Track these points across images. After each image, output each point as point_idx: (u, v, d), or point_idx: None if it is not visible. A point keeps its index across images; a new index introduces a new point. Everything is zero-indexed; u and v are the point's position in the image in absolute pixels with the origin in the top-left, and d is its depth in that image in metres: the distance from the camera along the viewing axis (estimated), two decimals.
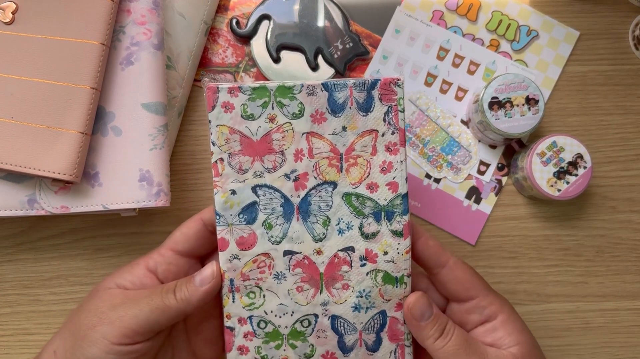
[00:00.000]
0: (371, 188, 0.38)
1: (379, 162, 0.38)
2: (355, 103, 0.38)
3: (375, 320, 0.39)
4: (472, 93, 0.52)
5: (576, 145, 0.48)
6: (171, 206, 0.50)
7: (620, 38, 0.54)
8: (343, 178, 0.38)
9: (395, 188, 0.38)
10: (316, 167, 0.38)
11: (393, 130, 0.38)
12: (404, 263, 0.38)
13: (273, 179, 0.38)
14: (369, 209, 0.38)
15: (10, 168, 0.42)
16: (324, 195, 0.38)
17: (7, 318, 0.50)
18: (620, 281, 0.51)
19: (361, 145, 0.38)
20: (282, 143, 0.38)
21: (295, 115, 0.37)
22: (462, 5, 0.53)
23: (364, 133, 0.38)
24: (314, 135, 0.38)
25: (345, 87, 0.37)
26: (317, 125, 0.38)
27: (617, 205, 0.52)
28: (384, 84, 0.37)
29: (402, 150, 0.38)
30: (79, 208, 0.44)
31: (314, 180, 0.38)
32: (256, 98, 0.37)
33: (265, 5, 0.52)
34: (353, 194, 0.38)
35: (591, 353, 0.51)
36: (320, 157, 0.38)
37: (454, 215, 0.51)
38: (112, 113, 0.44)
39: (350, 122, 0.38)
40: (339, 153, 0.38)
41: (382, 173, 0.38)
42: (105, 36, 0.43)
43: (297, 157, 0.38)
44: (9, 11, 0.44)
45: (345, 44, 0.52)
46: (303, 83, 0.37)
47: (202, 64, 0.52)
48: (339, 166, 0.38)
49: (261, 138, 0.37)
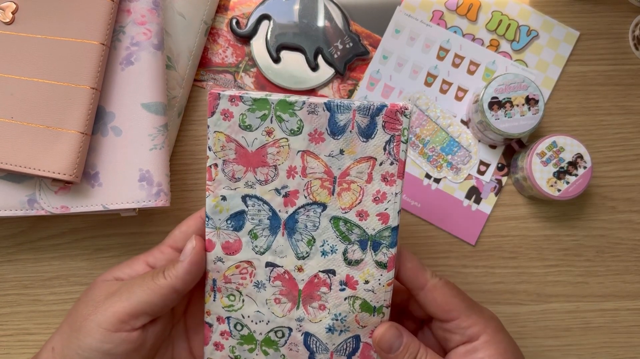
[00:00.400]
0: (361, 216, 0.37)
1: (373, 190, 0.37)
2: (357, 128, 0.36)
3: (348, 343, 0.38)
4: (472, 93, 0.52)
5: (576, 145, 0.48)
6: (171, 206, 0.50)
7: (620, 38, 0.54)
8: (334, 202, 0.37)
9: (386, 220, 0.37)
10: (308, 186, 0.37)
11: (392, 160, 0.36)
12: (384, 294, 0.37)
13: (264, 192, 0.37)
14: (356, 236, 0.37)
15: (10, 168, 0.42)
16: (312, 215, 0.38)
17: (7, 318, 0.50)
18: (620, 281, 0.51)
19: (357, 171, 0.37)
20: (277, 158, 0.37)
21: (293, 131, 0.37)
22: (462, 5, 0.53)
23: (362, 160, 0.37)
24: (309, 154, 0.37)
25: (349, 109, 0.36)
26: (314, 144, 0.37)
27: (617, 205, 0.52)
28: (390, 112, 0.36)
29: (399, 182, 0.37)
30: (79, 208, 0.44)
31: (304, 199, 0.37)
32: (256, 110, 0.36)
33: (265, 5, 0.52)
34: (341, 219, 0.37)
35: (591, 353, 0.51)
36: (313, 177, 0.37)
37: (454, 215, 0.51)
38: (112, 113, 0.45)
39: (349, 146, 0.37)
40: (332, 175, 0.37)
41: (375, 202, 0.37)
42: (105, 36, 0.43)
43: (290, 174, 0.37)
44: (9, 11, 0.44)
45: (345, 43, 0.52)
46: (305, 101, 0.36)
47: (202, 64, 0.52)
48: (331, 189, 0.37)
49: (256, 150, 0.37)
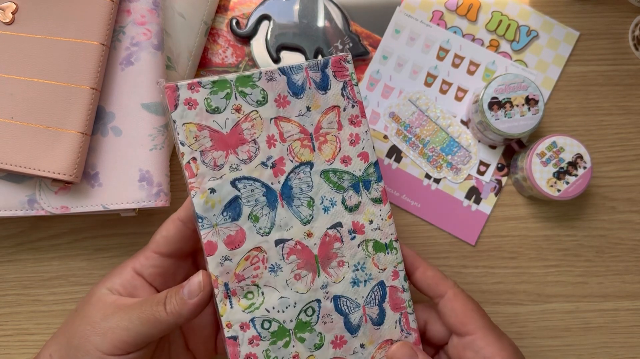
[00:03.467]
0: (345, 162, 0.39)
1: (347, 135, 0.39)
2: (314, 83, 0.39)
3: (375, 292, 0.39)
4: (472, 94, 0.52)
5: (576, 145, 0.48)
6: (171, 207, 0.50)
7: (620, 38, 0.54)
8: (317, 157, 0.38)
9: (366, 158, 0.39)
10: (290, 149, 0.38)
11: (352, 103, 0.39)
12: (389, 228, 0.39)
13: (251, 169, 0.37)
14: (348, 182, 0.39)
15: (10, 168, 0.42)
16: (303, 176, 0.38)
17: (7, 318, 0.50)
18: (620, 281, 0.51)
19: (327, 122, 0.39)
20: (253, 132, 0.37)
21: (259, 102, 0.38)
22: (462, 5, 0.53)
23: (327, 110, 0.39)
24: (281, 120, 0.38)
25: (301, 69, 0.38)
26: (282, 109, 0.38)
27: (616, 205, 0.52)
28: (335, 62, 0.39)
29: (364, 121, 0.39)
30: (79, 209, 0.44)
31: (291, 163, 0.38)
32: (218, 91, 0.37)
33: (265, 6, 0.52)
34: (330, 170, 0.39)
35: (591, 353, 0.51)
36: (292, 140, 0.38)
37: (453, 215, 0.51)
38: (112, 113, 0.45)
39: (312, 101, 0.39)
40: (308, 133, 0.38)
41: (352, 145, 0.39)
42: (105, 36, 0.43)
43: (270, 143, 0.38)
44: (9, 11, 0.44)
45: (345, 44, 0.52)
46: (261, 71, 0.38)
47: (202, 64, 0.52)
48: (311, 145, 0.38)
49: (231, 130, 0.37)
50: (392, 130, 0.52)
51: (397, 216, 0.51)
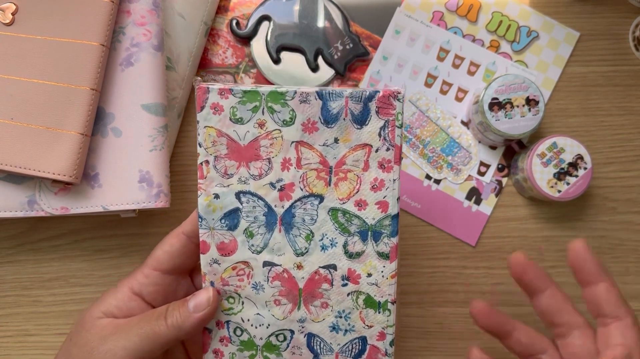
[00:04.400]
0: (360, 206, 0.36)
1: (371, 178, 0.36)
2: (350, 115, 0.36)
3: (354, 345, 0.37)
4: (472, 94, 0.52)
5: (576, 146, 0.48)
6: (171, 208, 0.50)
7: (620, 39, 0.54)
8: (331, 192, 0.36)
9: (385, 208, 0.36)
10: (303, 178, 0.36)
11: (388, 146, 0.36)
12: (388, 288, 0.36)
13: (258, 187, 0.36)
14: (355, 227, 0.36)
15: (10, 169, 0.42)
16: (309, 208, 0.36)
17: (7, 319, 0.50)
18: (620, 282, 0.51)
19: (353, 159, 0.36)
20: (270, 151, 0.36)
21: (285, 122, 0.36)
22: (462, 6, 0.53)
23: (357, 147, 0.36)
24: (303, 145, 0.36)
25: (341, 96, 0.35)
26: (307, 134, 0.36)
27: (617, 206, 0.52)
28: (383, 97, 0.35)
29: (396, 168, 0.36)
30: (79, 209, 0.44)
31: (300, 191, 0.36)
32: (247, 102, 0.36)
33: (265, 6, 0.52)
34: (340, 210, 0.36)
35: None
36: (308, 168, 0.36)
37: (454, 216, 0.51)
38: (112, 114, 0.44)
39: (344, 134, 0.36)
40: (328, 165, 0.36)
41: (373, 190, 0.36)
42: (105, 37, 0.43)
43: (285, 166, 0.36)
44: (9, 12, 0.44)
45: (346, 44, 0.52)
46: (296, 90, 0.36)
47: (202, 65, 0.52)
48: (327, 179, 0.36)
49: (249, 144, 0.36)
50: None
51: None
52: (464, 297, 0.51)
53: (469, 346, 0.40)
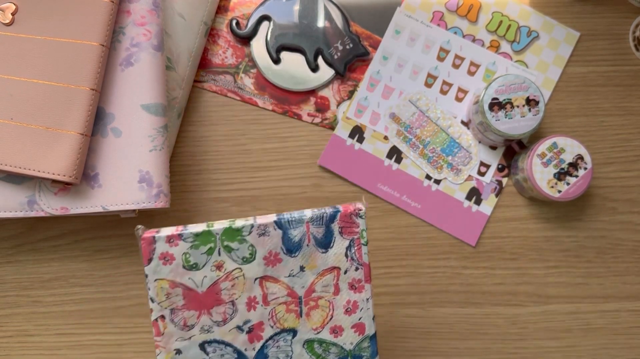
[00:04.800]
0: (335, 332, 0.35)
1: (343, 301, 0.35)
2: (314, 240, 0.35)
3: None
4: (473, 94, 0.52)
5: (576, 146, 0.48)
6: (171, 208, 0.50)
7: (620, 39, 0.54)
8: (303, 324, 0.35)
9: (362, 330, 0.35)
10: (272, 314, 0.35)
11: (357, 266, 0.35)
12: None
13: (224, 333, 0.34)
14: (334, 355, 0.35)
15: (10, 169, 0.42)
16: (283, 344, 0.35)
17: (7, 319, 0.50)
18: (620, 282, 0.51)
19: (322, 285, 0.35)
20: (233, 292, 0.34)
21: (245, 259, 0.34)
22: (462, 6, 0.53)
23: (325, 272, 0.35)
24: (268, 280, 0.34)
25: (302, 223, 0.34)
26: (271, 267, 0.34)
27: (617, 206, 0.52)
28: (345, 216, 0.34)
29: (367, 287, 0.35)
30: (79, 210, 0.44)
31: (271, 329, 0.35)
32: (200, 245, 0.33)
33: (265, 6, 0.52)
34: (315, 340, 0.35)
35: (592, 354, 0.51)
36: (276, 303, 0.35)
37: (454, 216, 0.51)
38: (112, 114, 0.44)
39: (309, 260, 0.35)
40: (297, 296, 0.35)
41: (347, 314, 0.35)
42: (105, 37, 0.43)
43: (250, 306, 0.34)
44: (9, 12, 0.44)
45: (346, 44, 0.52)
46: (253, 224, 0.34)
47: (202, 65, 0.52)
48: (298, 310, 0.35)
49: (207, 289, 0.34)
50: (392, 131, 0.52)
51: (398, 217, 0.51)
52: (464, 297, 0.51)
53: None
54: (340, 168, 0.51)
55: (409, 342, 0.50)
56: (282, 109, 0.52)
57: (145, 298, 0.49)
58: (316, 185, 0.51)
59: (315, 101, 0.52)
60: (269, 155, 0.52)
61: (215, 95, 0.52)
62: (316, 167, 0.52)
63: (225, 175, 0.51)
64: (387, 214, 0.51)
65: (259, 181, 0.51)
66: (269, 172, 0.51)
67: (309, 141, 0.52)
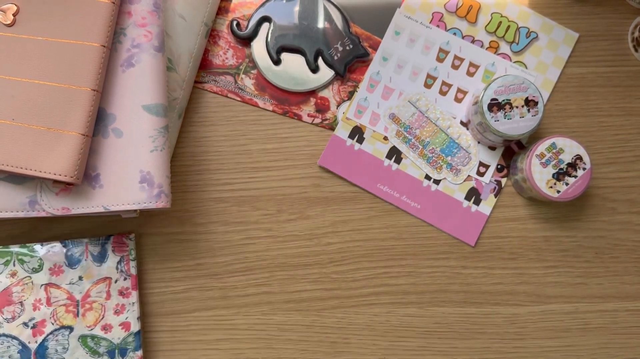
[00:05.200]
0: (106, 329, 0.44)
1: (113, 305, 0.45)
2: (91, 256, 0.45)
3: None
4: (472, 95, 0.52)
5: (575, 147, 0.48)
6: (172, 208, 0.50)
7: (619, 39, 0.54)
8: (79, 322, 0.44)
9: (127, 328, 0.45)
10: (54, 314, 0.44)
11: (125, 276, 0.46)
12: None
13: (11, 328, 0.43)
14: (104, 348, 0.44)
15: (11, 169, 0.42)
16: (61, 338, 0.43)
17: None
18: (619, 282, 0.51)
19: (96, 292, 0.45)
20: (22, 295, 0.44)
21: (35, 269, 0.44)
22: (461, 7, 0.53)
23: (99, 281, 0.45)
24: (51, 286, 0.44)
25: (82, 244, 0.46)
26: (55, 276, 0.44)
27: (616, 206, 0.52)
28: (116, 239, 0.46)
29: (134, 293, 0.45)
30: (80, 210, 0.44)
31: (52, 325, 0.43)
32: None
33: (266, 7, 0.52)
34: (89, 336, 0.44)
35: (590, 354, 0.51)
36: (57, 305, 0.44)
37: (453, 216, 0.51)
38: (113, 115, 0.45)
39: (86, 271, 0.45)
40: (75, 300, 0.44)
41: (116, 314, 0.45)
42: (106, 38, 0.43)
43: (36, 307, 0.44)
44: (10, 13, 0.44)
45: (345, 45, 0.52)
46: (42, 244, 0.45)
47: (203, 66, 0.52)
48: (75, 311, 0.44)
49: (1, 292, 0.44)
50: (392, 131, 0.52)
51: (397, 217, 0.51)
52: (464, 297, 0.51)
53: None
54: (340, 169, 0.51)
55: (408, 341, 0.50)
56: (283, 110, 0.52)
57: None
58: (316, 185, 0.52)
59: (315, 102, 0.52)
60: (269, 156, 0.52)
61: (216, 95, 0.52)
62: (316, 167, 0.52)
63: (225, 175, 0.51)
64: (386, 214, 0.51)
65: (259, 181, 0.51)
66: (269, 172, 0.52)
67: (309, 141, 0.52)
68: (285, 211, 0.51)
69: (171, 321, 0.49)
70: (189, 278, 0.50)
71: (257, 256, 0.51)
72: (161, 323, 0.49)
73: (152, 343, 0.49)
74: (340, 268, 0.51)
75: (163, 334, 0.49)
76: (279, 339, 0.50)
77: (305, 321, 0.50)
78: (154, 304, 0.49)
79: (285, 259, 0.51)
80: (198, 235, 0.50)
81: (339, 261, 0.51)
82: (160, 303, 0.49)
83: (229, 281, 0.50)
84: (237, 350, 0.49)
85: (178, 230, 0.50)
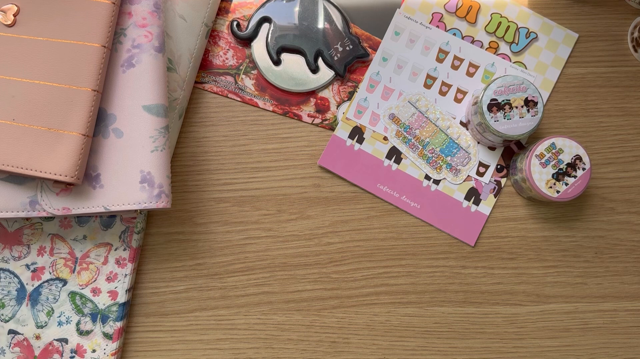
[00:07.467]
0: (95, 292, 0.46)
1: (107, 271, 0.46)
2: (100, 219, 0.47)
3: None
4: (472, 95, 0.52)
5: (575, 147, 0.48)
6: (172, 208, 0.51)
7: (619, 40, 0.54)
8: (73, 279, 0.46)
9: (115, 297, 0.46)
10: (53, 264, 0.46)
11: (125, 247, 0.47)
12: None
13: (16, 266, 0.46)
14: (89, 309, 0.46)
15: (12, 169, 0.42)
16: (54, 289, 0.45)
17: None
18: (618, 282, 0.51)
19: (95, 254, 0.46)
20: (31, 239, 0.46)
21: (47, 219, 0.46)
22: (461, 7, 0.53)
23: (100, 245, 0.46)
24: (57, 237, 0.46)
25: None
26: (63, 229, 0.46)
27: (615, 206, 0.52)
28: (126, 217, 0.47)
29: (129, 265, 0.46)
30: (81, 210, 0.44)
31: (49, 274, 0.46)
32: None
33: (266, 8, 0.52)
34: (78, 294, 0.46)
35: (590, 353, 0.51)
36: (58, 256, 0.46)
37: (453, 216, 0.51)
38: (113, 115, 0.45)
39: (92, 232, 0.46)
40: (75, 256, 0.46)
41: (107, 281, 0.46)
42: (106, 38, 0.44)
43: (40, 253, 0.46)
44: (11, 13, 0.44)
45: (345, 46, 0.52)
46: None
47: (203, 66, 0.52)
48: (72, 267, 0.46)
49: (14, 231, 0.46)
50: (392, 131, 0.52)
51: (397, 217, 0.52)
52: (463, 297, 0.51)
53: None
54: (340, 169, 0.52)
55: (408, 341, 0.50)
56: (283, 110, 0.52)
57: (148, 297, 0.50)
58: (316, 185, 0.52)
59: (315, 102, 0.52)
60: (270, 156, 0.52)
61: (216, 96, 0.53)
62: (316, 167, 0.52)
63: (225, 176, 0.51)
64: (386, 214, 0.52)
65: (259, 181, 0.51)
66: (269, 172, 0.52)
67: (309, 141, 0.52)
68: (285, 212, 0.51)
69: (171, 321, 0.49)
70: (189, 278, 0.50)
71: (257, 256, 0.51)
72: (161, 323, 0.49)
73: (152, 343, 0.49)
74: (340, 268, 0.51)
75: (163, 334, 0.49)
76: (279, 339, 0.50)
77: (305, 321, 0.50)
78: (154, 304, 0.49)
79: (285, 259, 0.51)
80: (198, 235, 0.51)
81: (339, 261, 0.51)
82: (160, 303, 0.49)
83: (229, 281, 0.50)
84: (237, 350, 0.50)
85: (178, 230, 0.50)
